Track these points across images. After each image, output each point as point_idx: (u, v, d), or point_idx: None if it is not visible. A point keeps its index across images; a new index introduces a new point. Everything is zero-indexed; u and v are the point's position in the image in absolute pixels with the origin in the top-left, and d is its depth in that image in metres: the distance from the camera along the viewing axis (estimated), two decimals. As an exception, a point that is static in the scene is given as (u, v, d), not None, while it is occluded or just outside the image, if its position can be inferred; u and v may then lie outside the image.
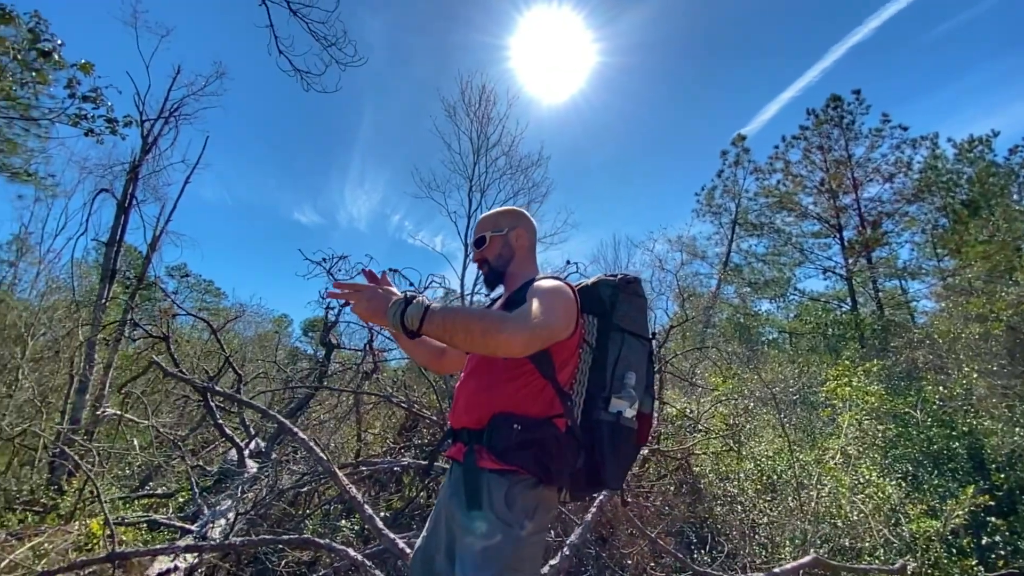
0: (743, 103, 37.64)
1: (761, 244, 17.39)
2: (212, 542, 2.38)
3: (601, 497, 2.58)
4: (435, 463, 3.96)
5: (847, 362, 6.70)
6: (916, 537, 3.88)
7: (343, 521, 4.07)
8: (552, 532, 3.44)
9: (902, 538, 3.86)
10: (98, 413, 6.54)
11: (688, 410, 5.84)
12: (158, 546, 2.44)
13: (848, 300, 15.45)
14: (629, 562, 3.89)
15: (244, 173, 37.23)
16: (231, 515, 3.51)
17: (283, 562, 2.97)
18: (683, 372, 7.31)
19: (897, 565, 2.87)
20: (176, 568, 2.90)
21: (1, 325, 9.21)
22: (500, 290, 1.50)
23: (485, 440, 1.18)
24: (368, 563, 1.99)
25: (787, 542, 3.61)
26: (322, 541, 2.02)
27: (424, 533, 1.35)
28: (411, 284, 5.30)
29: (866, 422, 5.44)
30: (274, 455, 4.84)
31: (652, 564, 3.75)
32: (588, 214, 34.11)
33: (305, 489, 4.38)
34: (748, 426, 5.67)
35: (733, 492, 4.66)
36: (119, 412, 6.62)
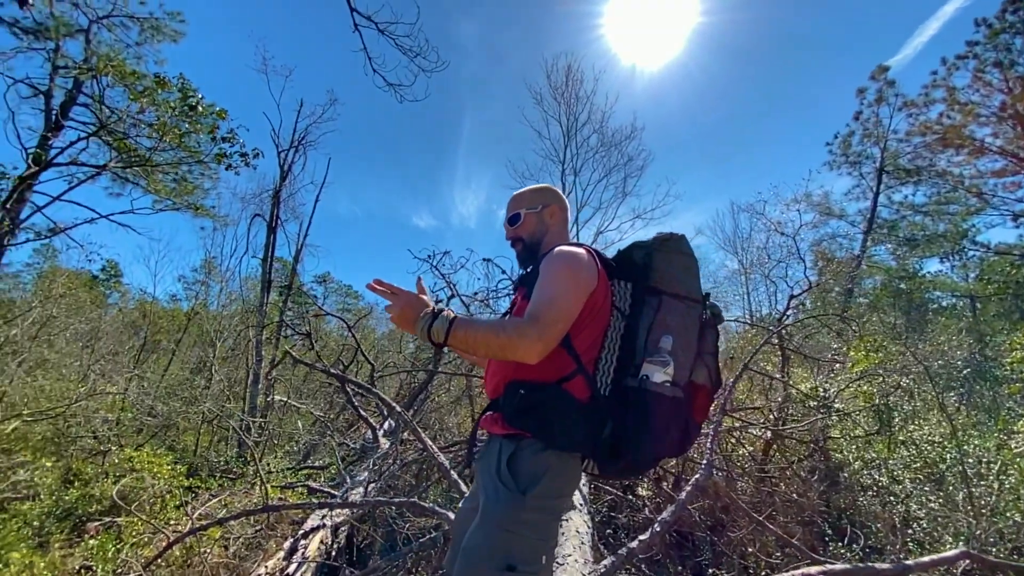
0: (876, 41, 31.51)
1: (919, 193, 14.43)
2: (338, 501, 2.78)
3: (698, 476, 2.44)
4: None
5: (1045, 326, 5.35)
6: None
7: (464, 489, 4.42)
8: (646, 508, 3.35)
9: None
10: (268, 399, 7.91)
11: (821, 390, 5.18)
12: (298, 502, 2.92)
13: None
14: (750, 550, 3.63)
15: (369, 187, 41.28)
16: (366, 484, 4.03)
17: (407, 526, 3.36)
18: (816, 347, 6.49)
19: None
20: (324, 525, 3.45)
21: (199, 332, 11.56)
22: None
23: (501, 407, 1.21)
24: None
25: (951, 538, 3.06)
26: (426, 504, 2.25)
27: (468, 494, 1.42)
28: (503, 272, 5.47)
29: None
30: (405, 434, 5.38)
31: (778, 553, 3.46)
32: (697, 184, 31.52)
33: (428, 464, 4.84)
34: (906, 407, 4.85)
35: (882, 481, 4.06)
36: (284, 399, 7.94)
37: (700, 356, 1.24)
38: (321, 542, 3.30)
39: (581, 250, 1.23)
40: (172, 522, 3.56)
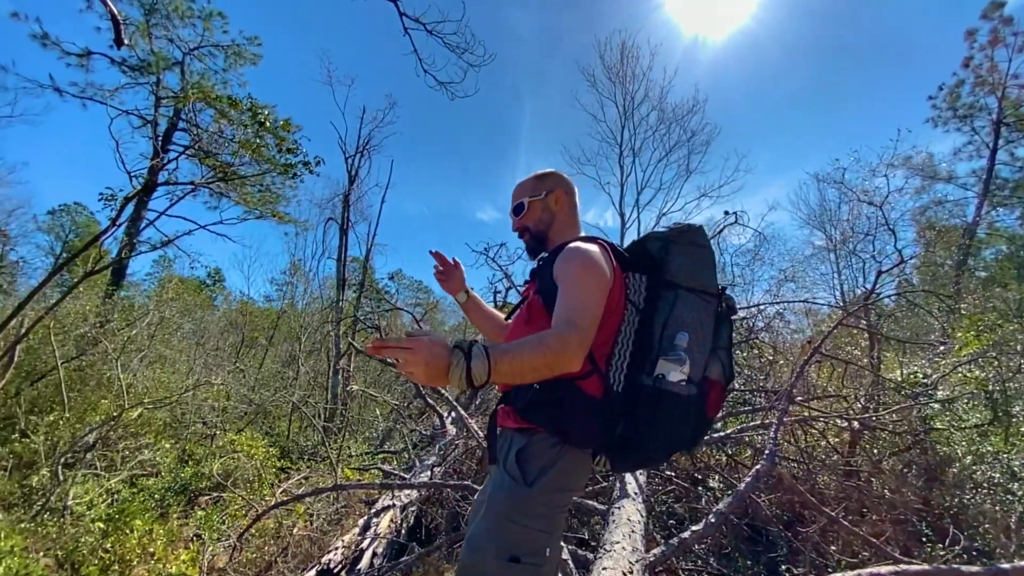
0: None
1: (1051, 145, 12.32)
2: (397, 482, 2.96)
3: (759, 466, 2.30)
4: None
5: None
6: None
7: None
8: (702, 499, 3.21)
9: None
10: (347, 389, 8.52)
11: (921, 375, 4.65)
12: (362, 482, 3.14)
13: None
14: (832, 548, 3.37)
15: (434, 185, 42.64)
16: (432, 468, 4.24)
17: (469, 509, 3.50)
18: (921, 328, 5.80)
19: None
20: (394, 505, 3.69)
21: (288, 329, 12.67)
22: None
23: (513, 401, 1.20)
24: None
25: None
26: (478, 487, 2.34)
27: (481, 488, 1.43)
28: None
29: None
30: (474, 420, 5.58)
31: (864, 553, 3.17)
32: (774, 156, 29.14)
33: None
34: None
35: (996, 477, 3.56)
36: (361, 388, 8.52)
37: (715, 351, 1.20)
38: (391, 521, 3.53)
39: (595, 246, 1.20)
40: (265, 498, 3.98)
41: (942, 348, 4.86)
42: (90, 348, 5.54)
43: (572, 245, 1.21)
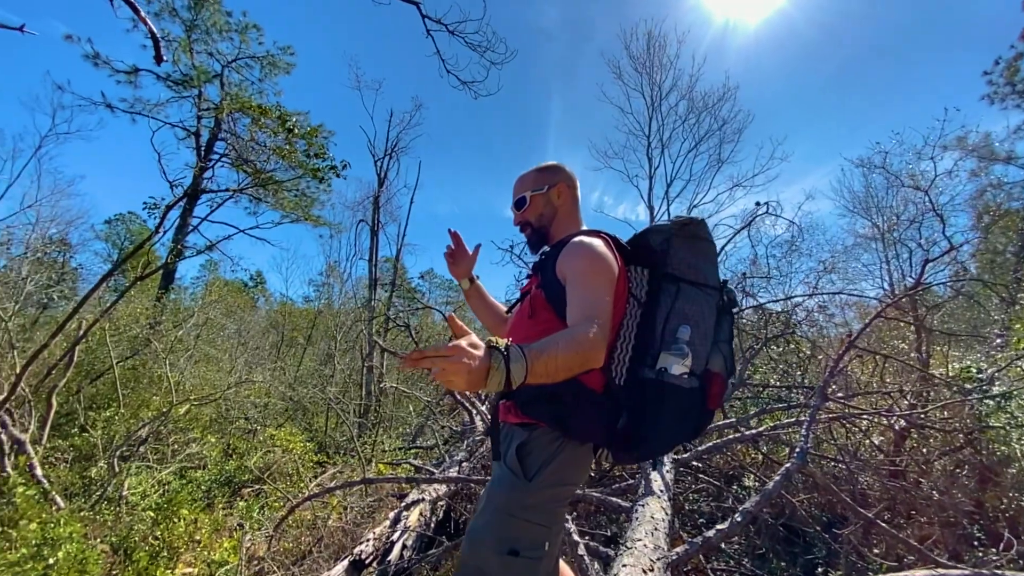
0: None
1: None
2: (423, 476, 3.02)
3: (788, 465, 2.22)
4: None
5: None
6: None
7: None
8: (725, 497, 3.12)
9: None
10: (381, 386, 8.74)
11: (975, 370, 4.37)
12: (389, 476, 3.22)
13: None
14: (876, 551, 3.22)
15: (464, 185, 43.12)
16: (460, 463, 4.31)
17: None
18: (980, 321, 5.43)
19: None
20: (423, 499, 3.77)
21: (324, 327, 13.09)
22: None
23: (513, 396, 1.18)
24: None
25: None
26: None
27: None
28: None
29: None
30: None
31: (911, 557, 3.01)
32: (810, 144, 27.84)
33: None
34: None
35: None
36: (394, 385, 8.72)
37: (716, 344, 1.20)
38: (420, 514, 3.61)
39: (599, 240, 1.19)
40: (302, 491, 4.14)
41: (998, 341, 4.54)
42: (142, 348, 5.90)
43: (577, 239, 1.21)
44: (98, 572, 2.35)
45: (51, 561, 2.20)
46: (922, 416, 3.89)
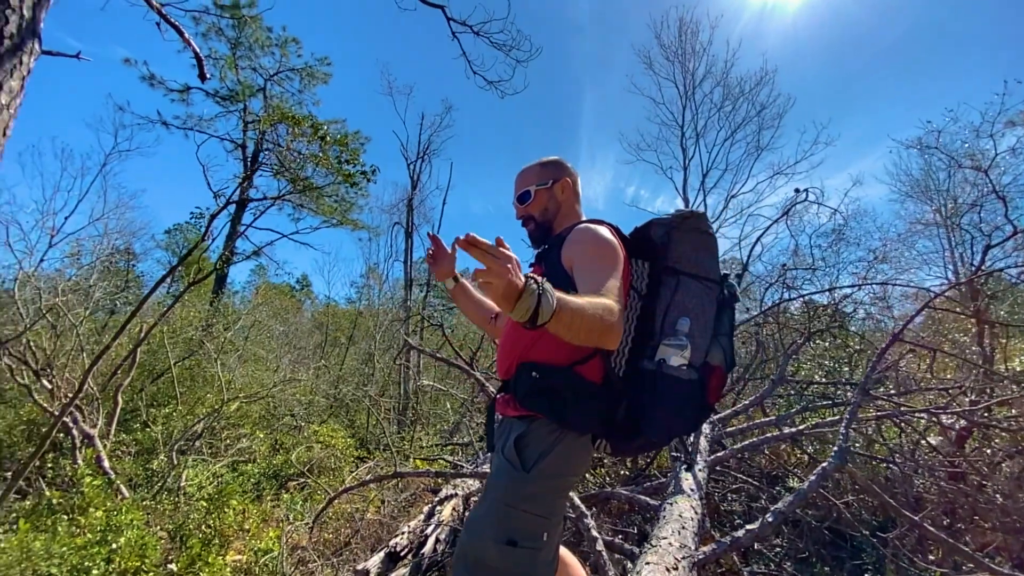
0: None
1: None
2: (450, 472, 3.08)
3: (825, 464, 2.12)
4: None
5: None
6: None
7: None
8: (763, 498, 3.00)
9: None
10: (417, 384, 8.95)
11: (1049, 365, 4.02)
12: (420, 470, 3.30)
13: None
14: (932, 557, 3.03)
15: (498, 183, 43.23)
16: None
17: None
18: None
19: None
20: (456, 494, 3.84)
21: (365, 328, 13.52)
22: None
23: (511, 389, 1.20)
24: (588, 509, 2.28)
25: None
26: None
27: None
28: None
29: None
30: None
31: (970, 565, 2.81)
32: (859, 129, 26.12)
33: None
34: None
35: None
36: (432, 383, 8.90)
37: (716, 338, 1.19)
38: (453, 509, 3.68)
39: (605, 227, 1.20)
40: (343, 485, 4.32)
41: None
42: (197, 349, 6.31)
43: (582, 225, 1.21)
44: (156, 557, 2.55)
45: (114, 546, 2.40)
46: (985, 415, 3.61)
